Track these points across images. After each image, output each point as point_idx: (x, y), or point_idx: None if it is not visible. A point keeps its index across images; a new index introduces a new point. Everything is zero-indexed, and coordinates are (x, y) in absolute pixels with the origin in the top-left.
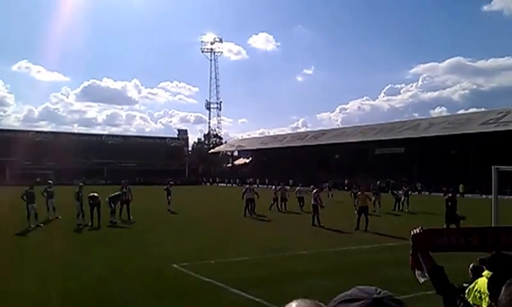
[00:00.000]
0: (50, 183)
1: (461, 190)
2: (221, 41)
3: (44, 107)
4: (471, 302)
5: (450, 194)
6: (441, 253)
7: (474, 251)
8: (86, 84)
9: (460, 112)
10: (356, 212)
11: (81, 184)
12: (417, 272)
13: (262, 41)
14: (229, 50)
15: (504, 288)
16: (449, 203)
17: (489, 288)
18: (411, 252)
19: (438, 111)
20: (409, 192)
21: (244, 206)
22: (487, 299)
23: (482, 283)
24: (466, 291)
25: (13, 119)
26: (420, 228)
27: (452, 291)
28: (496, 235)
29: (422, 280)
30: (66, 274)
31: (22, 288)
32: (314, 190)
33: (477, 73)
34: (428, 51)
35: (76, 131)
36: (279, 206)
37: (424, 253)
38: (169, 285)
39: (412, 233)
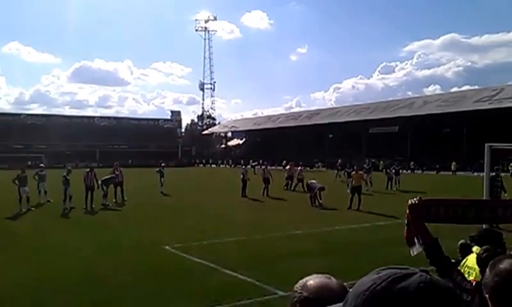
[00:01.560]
0: (41, 167)
1: (452, 168)
2: (215, 19)
3: (35, 90)
4: None
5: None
6: (431, 229)
7: (471, 223)
8: (77, 65)
9: (454, 89)
10: (348, 191)
11: (69, 168)
12: (411, 245)
13: (256, 19)
14: (222, 29)
15: (488, 268)
16: None
17: (478, 263)
18: (406, 222)
19: (432, 89)
20: (401, 171)
21: (241, 187)
22: (476, 274)
23: (471, 259)
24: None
25: (4, 102)
26: (418, 198)
27: (447, 263)
28: (494, 208)
29: (414, 252)
30: (58, 256)
31: (12, 270)
32: (299, 168)
33: (471, 49)
34: (423, 28)
35: (68, 113)
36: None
37: (420, 224)
38: (161, 266)
39: (409, 202)
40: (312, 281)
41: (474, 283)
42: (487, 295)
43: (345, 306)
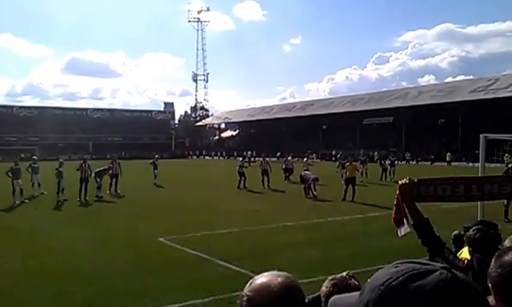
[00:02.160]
0: (34, 159)
1: (447, 158)
2: (208, 10)
3: (27, 82)
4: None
5: None
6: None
7: (460, 201)
8: (69, 56)
9: (448, 80)
10: (343, 182)
11: (61, 160)
12: (399, 226)
13: (249, 10)
14: (215, 20)
15: (493, 259)
16: None
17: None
18: (395, 203)
19: (426, 79)
20: (396, 162)
21: (238, 179)
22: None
23: (466, 251)
24: None
25: None
26: (407, 178)
27: (438, 243)
28: (481, 185)
29: (401, 233)
30: (51, 249)
31: (5, 263)
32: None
33: (466, 39)
34: (417, 17)
35: (60, 105)
36: (263, 182)
37: (410, 204)
38: (156, 258)
39: (399, 182)
40: (258, 280)
41: (466, 261)
42: (490, 285)
43: (361, 297)
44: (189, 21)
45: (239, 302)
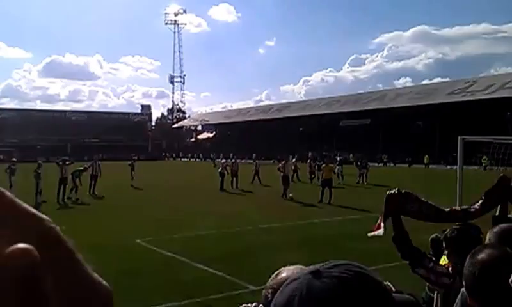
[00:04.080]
0: (13, 161)
1: (425, 161)
2: (184, 12)
3: (6, 84)
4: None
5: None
6: (404, 224)
7: (442, 221)
8: (48, 59)
9: (425, 82)
10: (319, 185)
11: (40, 162)
12: (375, 230)
13: (223, 12)
14: (190, 22)
15: (467, 258)
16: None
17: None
18: (382, 212)
19: (403, 81)
20: (368, 165)
21: (220, 181)
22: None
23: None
24: None
25: None
26: (396, 189)
27: (418, 254)
28: (466, 209)
29: (372, 234)
30: None
31: None
32: (283, 162)
33: (442, 41)
34: (392, 20)
35: (39, 108)
36: (231, 183)
37: (394, 214)
38: (132, 261)
39: (388, 193)
40: (283, 273)
41: (450, 267)
42: (464, 283)
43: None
44: (166, 23)
45: (263, 293)
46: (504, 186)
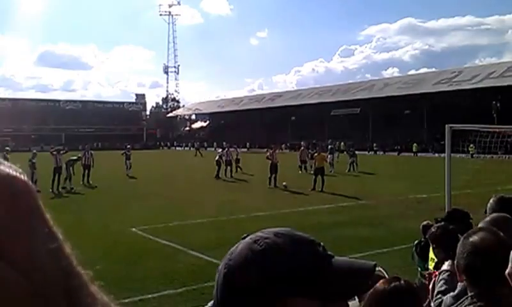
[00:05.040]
0: (7, 150)
1: (414, 149)
2: (179, 3)
3: (0, 74)
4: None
5: None
6: (396, 211)
7: None
8: (42, 49)
9: (412, 72)
10: (312, 172)
11: (34, 151)
12: None
13: (216, 4)
14: (183, 14)
15: (460, 240)
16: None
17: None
18: None
19: (390, 72)
20: (355, 154)
21: (216, 169)
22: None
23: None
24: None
25: None
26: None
27: None
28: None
29: None
30: None
31: None
32: (271, 150)
33: (428, 33)
34: (379, 12)
35: (33, 97)
36: (225, 172)
37: None
38: (128, 249)
39: None
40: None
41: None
42: (455, 261)
43: None
44: (161, 14)
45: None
46: None
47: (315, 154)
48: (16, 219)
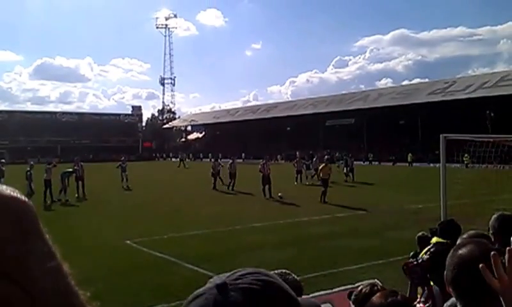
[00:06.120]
0: (3, 162)
1: (409, 159)
2: (175, 16)
3: None
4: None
5: None
6: (391, 221)
7: None
8: (38, 62)
9: (405, 82)
10: (307, 183)
11: (32, 163)
12: None
13: (211, 17)
14: (179, 26)
15: (450, 253)
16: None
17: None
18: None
19: (384, 82)
20: (350, 163)
21: (212, 181)
22: None
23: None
24: None
25: None
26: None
27: None
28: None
29: None
30: None
31: None
32: (262, 161)
33: (420, 44)
34: (372, 24)
35: (30, 109)
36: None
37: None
38: (123, 261)
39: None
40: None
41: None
42: (445, 272)
43: None
44: (157, 27)
45: None
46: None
47: (322, 165)
48: (18, 239)
